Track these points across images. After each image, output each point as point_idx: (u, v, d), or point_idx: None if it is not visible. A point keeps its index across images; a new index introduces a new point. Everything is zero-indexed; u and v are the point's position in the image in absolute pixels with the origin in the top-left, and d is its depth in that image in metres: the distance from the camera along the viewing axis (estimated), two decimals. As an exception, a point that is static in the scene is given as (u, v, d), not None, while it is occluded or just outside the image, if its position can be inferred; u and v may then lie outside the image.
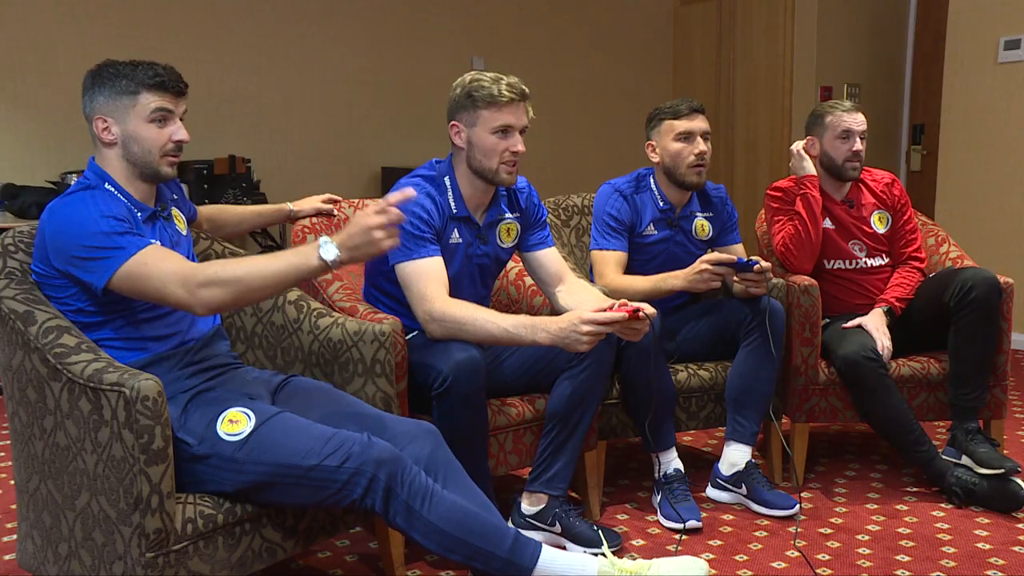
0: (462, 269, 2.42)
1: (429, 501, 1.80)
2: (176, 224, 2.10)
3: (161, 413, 1.69)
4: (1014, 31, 4.69)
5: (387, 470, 1.79)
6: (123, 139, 1.93)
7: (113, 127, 1.93)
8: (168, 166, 1.98)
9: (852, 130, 2.96)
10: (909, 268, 3.03)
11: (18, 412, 1.89)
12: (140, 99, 1.91)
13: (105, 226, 1.82)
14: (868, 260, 3.03)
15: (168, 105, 1.94)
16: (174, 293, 1.78)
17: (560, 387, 2.41)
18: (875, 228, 3.05)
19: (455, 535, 1.80)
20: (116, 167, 1.96)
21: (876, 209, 3.06)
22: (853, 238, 3.03)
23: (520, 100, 2.33)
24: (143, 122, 1.92)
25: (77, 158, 4.45)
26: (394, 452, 1.82)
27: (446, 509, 1.81)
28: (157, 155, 1.95)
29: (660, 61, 6.67)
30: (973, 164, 4.90)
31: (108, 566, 1.75)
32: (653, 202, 2.88)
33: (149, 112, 1.92)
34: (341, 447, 1.80)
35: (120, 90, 1.91)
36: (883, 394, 2.75)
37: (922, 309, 2.91)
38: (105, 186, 1.94)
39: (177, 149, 1.98)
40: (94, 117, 1.94)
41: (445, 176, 2.41)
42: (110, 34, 4.57)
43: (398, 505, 1.79)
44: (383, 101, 5.51)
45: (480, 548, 1.81)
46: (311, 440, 1.81)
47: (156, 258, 1.81)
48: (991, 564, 2.37)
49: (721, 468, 2.76)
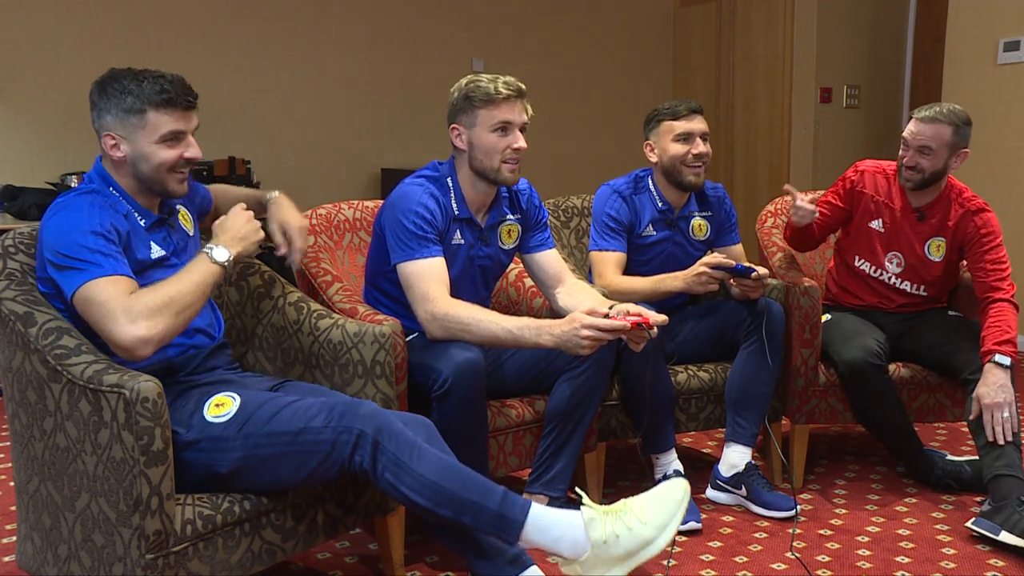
0: (464, 270, 2.43)
1: (418, 453, 1.80)
2: (183, 226, 2.09)
3: (161, 414, 1.69)
4: (1013, 32, 4.69)
5: (374, 424, 1.79)
6: (132, 158, 1.91)
7: (122, 144, 1.90)
8: (178, 183, 1.96)
9: (908, 141, 2.76)
10: (997, 307, 2.70)
11: (18, 413, 1.89)
12: (148, 119, 1.88)
13: (90, 241, 1.80)
14: (897, 280, 2.91)
15: (179, 126, 1.90)
16: (115, 325, 1.74)
17: (560, 388, 2.41)
18: (928, 253, 2.87)
19: (445, 487, 1.79)
20: (124, 180, 1.94)
21: (936, 235, 2.86)
22: (896, 250, 2.89)
23: (517, 97, 2.33)
24: (152, 142, 1.89)
25: (77, 159, 4.45)
26: (379, 409, 1.84)
27: (435, 460, 1.81)
28: (166, 173, 1.93)
29: (659, 62, 6.67)
30: (972, 165, 4.87)
31: (108, 567, 1.75)
32: (652, 203, 2.88)
33: (159, 135, 1.89)
34: (325, 409, 1.82)
35: (127, 108, 1.87)
36: (884, 399, 2.75)
37: (924, 343, 2.87)
38: (109, 190, 1.93)
39: (187, 165, 1.95)
40: (103, 133, 1.91)
41: (447, 177, 2.41)
42: (109, 35, 4.57)
43: (386, 460, 1.79)
44: (383, 102, 5.51)
45: (470, 500, 1.80)
46: (296, 409, 1.84)
47: (116, 289, 1.78)
48: (990, 566, 2.37)
49: (721, 469, 2.76)
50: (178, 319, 1.81)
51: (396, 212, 2.32)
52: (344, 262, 2.68)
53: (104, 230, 1.83)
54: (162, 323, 1.77)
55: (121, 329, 1.74)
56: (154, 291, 1.81)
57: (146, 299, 1.78)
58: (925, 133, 2.74)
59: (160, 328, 1.77)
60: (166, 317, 1.78)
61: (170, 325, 1.79)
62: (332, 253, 2.65)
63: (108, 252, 1.81)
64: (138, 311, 1.75)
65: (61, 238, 1.82)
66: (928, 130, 2.74)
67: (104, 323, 1.76)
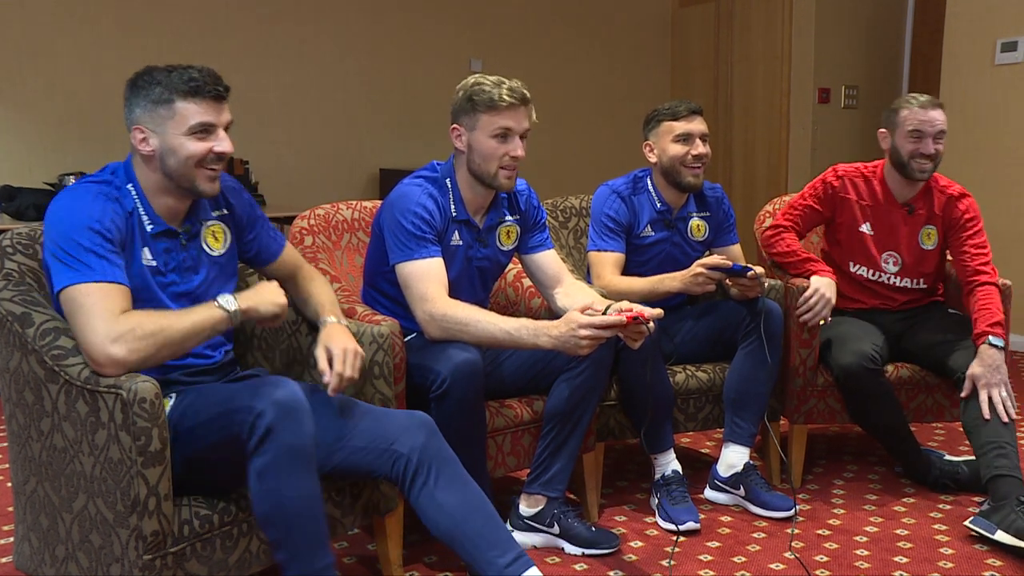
0: (462, 272, 2.42)
1: (298, 461, 1.72)
2: (208, 244, 2.00)
3: (158, 415, 1.68)
4: (1011, 33, 4.70)
5: (277, 410, 1.69)
6: (160, 151, 1.84)
7: (151, 138, 1.84)
8: (207, 180, 1.88)
9: (923, 131, 2.76)
10: (984, 290, 2.74)
11: (15, 414, 1.89)
12: (177, 108, 1.82)
13: (85, 238, 1.76)
14: (895, 279, 2.92)
15: (208, 118, 1.84)
16: (93, 336, 1.69)
17: (558, 388, 2.41)
18: (922, 243, 2.89)
19: (283, 504, 1.72)
20: (149, 178, 1.88)
21: (927, 224, 2.89)
22: (891, 249, 2.90)
23: (521, 104, 2.32)
24: (180, 134, 1.83)
25: (75, 160, 4.45)
26: (293, 397, 1.73)
27: (301, 494, 1.73)
28: (194, 168, 1.85)
29: (658, 63, 6.68)
30: (971, 165, 4.90)
31: (105, 568, 1.75)
32: (650, 203, 2.88)
33: (188, 126, 1.83)
34: (249, 389, 1.75)
35: (155, 99, 1.82)
36: (880, 402, 2.75)
37: (923, 342, 2.86)
38: (127, 186, 1.88)
39: (217, 161, 1.88)
40: (132, 128, 1.86)
41: (447, 178, 2.40)
42: (108, 36, 4.57)
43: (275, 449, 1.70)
44: (381, 103, 5.51)
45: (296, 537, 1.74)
46: (222, 391, 1.79)
47: (102, 298, 1.72)
48: (988, 566, 2.37)
49: (719, 470, 2.76)
50: (160, 352, 1.74)
51: (395, 212, 2.32)
52: (342, 262, 2.68)
53: (102, 227, 1.78)
54: (141, 352, 1.71)
55: (98, 343, 1.69)
56: (147, 316, 1.75)
57: (134, 321, 1.72)
58: (938, 118, 2.77)
59: (137, 357, 1.71)
60: (147, 347, 1.72)
61: (149, 356, 1.72)
62: (330, 253, 2.64)
63: (102, 253, 1.77)
64: (121, 332, 1.70)
65: (59, 228, 1.78)
66: (938, 115, 2.78)
67: (82, 331, 1.72)
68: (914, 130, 2.77)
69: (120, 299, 1.76)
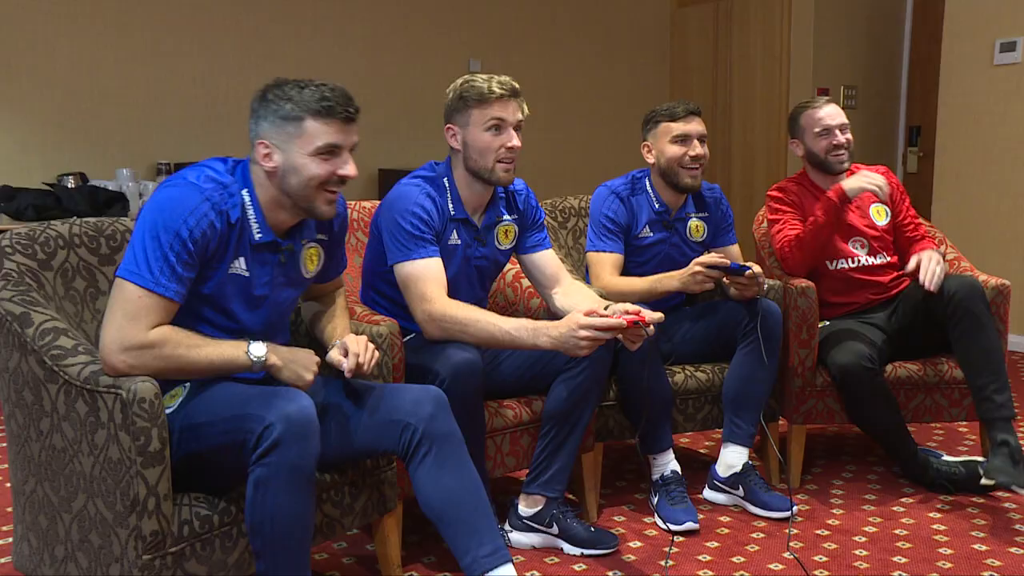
0: (460, 271, 2.42)
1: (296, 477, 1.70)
2: (304, 264, 1.96)
3: (158, 415, 1.69)
4: (1010, 33, 4.70)
5: (287, 425, 1.67)
6: (283, 169, 1.81)
7: (275, 154, 1.81)
8: (326, 203, 1.85)
9: (829, 125, 2.97)
10: (925, 242, 3.00)
11: (14, 414, 1.89)
12: (306, 127, 1.80)
13: (164, 240, 1.72)
14: (869, 258, 2.99)
15: (336, 139, 1.82)
16: (112, 332, 1.70)
17: (557, 389, 2.41)
18: (875, 220, 3.03)
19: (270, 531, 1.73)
20: (268, 191, 1.84)
21: (873, 202, 3.03)
22: (853, 236, 2.99)
23: (511, 96, 2.32)
24: (306, 154, 1.80)
25: (73, 160, 4.44)
26: (309, 416, 1.71)
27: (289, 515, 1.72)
28: (315, 189, 1.82)
29: (657, 63, 6.68)
30: (969, 166, 4.91)
31: (105, 568, 1.75)
32: (649, 204, 2.88)
33: (315, 146, 1.80)
34: (257, 397, 1.72)
35: (285, 115, 1.79)
36: (877, 402, 2.75)
37: (909, 313, 2.88)
38: (242, 192, 1.83)
39: (339, 184, 1.85)
40: (256, 141, 1.83)
41: (444, 178, 2.41)
42: (106, 36, 4.56)
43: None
44: (380, 103, 5.51)
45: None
46: (236, 394, 1.75)
47: (146, 306, 1.71)
48: (987, 566, 2.38)
49: (718, 470, 2.77)
50: (165, 374, 1.73)
51: (393, 213, 2.32)
52: (341, 262, 2.68)
53: (186, 237, 1.74)
54: (144, 369, 1.70)
55: (111, 345, 1.69)
56: (171, 341, 1.73)
57: (156, 338, 1.71)
58: (838, 113, 3.02)
59: (138, 372, 1.70)
60: (155, 367, 1.71)
61: (153, 374, 1.71)
62: (329, 253, 2.64)
63: (175, 263, 1.73)
64: (137, 344, 1.69)
65: (153, 222, 1.74)
66: (836, 109, 3.03)
67: (107, 322, 1.73)
68: (821, 129, 2.98)
69: (160, 314, 1.74)
